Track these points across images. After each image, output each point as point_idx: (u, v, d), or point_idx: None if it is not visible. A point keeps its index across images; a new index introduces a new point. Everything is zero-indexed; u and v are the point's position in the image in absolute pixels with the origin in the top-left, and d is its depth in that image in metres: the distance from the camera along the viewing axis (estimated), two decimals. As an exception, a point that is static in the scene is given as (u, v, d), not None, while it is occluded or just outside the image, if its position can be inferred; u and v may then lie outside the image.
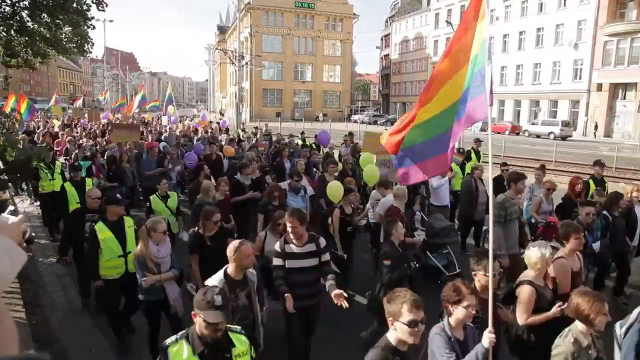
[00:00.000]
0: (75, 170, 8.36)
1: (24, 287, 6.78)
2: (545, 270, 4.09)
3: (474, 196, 8.62)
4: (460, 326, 3.17)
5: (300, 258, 4.50)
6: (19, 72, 39.50)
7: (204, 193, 6.88)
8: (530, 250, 4.08)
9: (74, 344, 5.47)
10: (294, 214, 4.55)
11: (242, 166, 8.61)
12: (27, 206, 11.30)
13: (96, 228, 5.18)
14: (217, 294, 2.77)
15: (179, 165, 10.77)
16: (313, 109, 64.90)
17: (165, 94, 25.26)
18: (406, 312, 2.69)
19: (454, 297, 3.12)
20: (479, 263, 3.84)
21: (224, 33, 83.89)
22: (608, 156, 20.52)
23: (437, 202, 9.03)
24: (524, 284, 4.00)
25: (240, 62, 40.85)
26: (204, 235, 5.05)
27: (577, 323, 3.24)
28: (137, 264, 4.70)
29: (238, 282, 3.84)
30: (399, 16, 71.78)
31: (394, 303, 2.76)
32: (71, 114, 33.15)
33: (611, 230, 6.65)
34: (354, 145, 13.18)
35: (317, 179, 9.11)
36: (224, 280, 3.72)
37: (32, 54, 15.04)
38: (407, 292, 2.81)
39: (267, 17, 63.17)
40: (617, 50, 37.69)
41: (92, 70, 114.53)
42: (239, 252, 3.78)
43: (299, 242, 4.53)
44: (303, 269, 4.49)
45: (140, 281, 4.68)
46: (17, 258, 1.61)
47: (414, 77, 67.60)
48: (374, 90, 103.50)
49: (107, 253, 5.16)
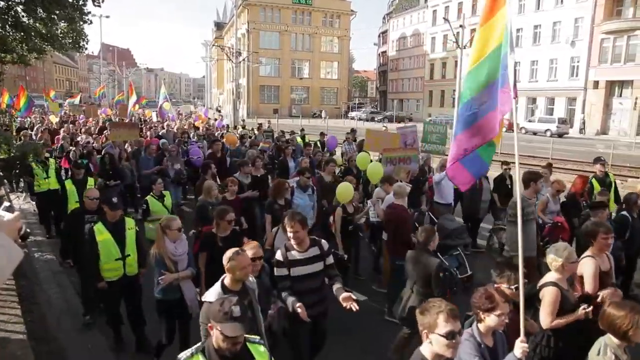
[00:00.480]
0: (78, 168, 8.22)
1: (20, 284, 6.75)
2: (570, 272, 3.95)
3: (477, 193, 8.45)
4: (490, 333, 3.06)
5: (304, 264, 4.29)
6: (15, 68, 39.30)
7: (206, 193, 6.69)
8: (551, 251, 3.96)
9: (71, 341, 5.45)
10: (294, 217, 4.31)
11: (241, 164, 8.42)
12: (22, 203, 11.25)
13: (94, 229, 5.05)
14: (235, 304, 2.59)
15: (178, 163, 10.47)
16: (310, 105, 64.85)
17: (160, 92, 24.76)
18: (442, 322, 2.54)
19: (487, 305, 2.97)
20: (502, 275, 3.61)
21: (221, 29, 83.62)
22: (604, 153, 20.59)
23: (441, 199, 8.63)
24: (549, 285, 3.83)
25: (238, 58, 40.78)
26: (217, 235, 4.90)
27: (611, 337, 3.07)
28: (154, 262, 4.60)
29: (237, 292, 3.56)
30: (396, 13, 71.67)
31: (429, 314, 2.61)
32: (68, 110, 32.86)
33: (631, 231, 6.42)
34: (360, 142, 12.91)
35: (315, 178, 8.90)
36: (221, 292, 3.51)
37: (27, 50, 14.91)
38: (442, 302, 2.67)
39: (264, 13, 63.02)
40: (614, 47, 37.78)
41: (89, 66, 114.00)
42: (233, 262, 3.55)
43: (300, 248, 4.31)
44: (309, 275, 4.29)
45: (158, 279, 4.55)
46: (14, 254, 1.60)
47: (411, 74, 67.55)
48: (371, 87, 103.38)
49: (105, 256, 5.02)
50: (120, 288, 5.16)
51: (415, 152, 9.58)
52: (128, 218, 5.41)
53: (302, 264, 4.28)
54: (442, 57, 59.38)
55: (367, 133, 10.85)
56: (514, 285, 3.46)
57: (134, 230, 5.27)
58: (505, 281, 3.56)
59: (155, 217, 6.80)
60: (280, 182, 6.97)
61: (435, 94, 61.67)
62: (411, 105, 66.92)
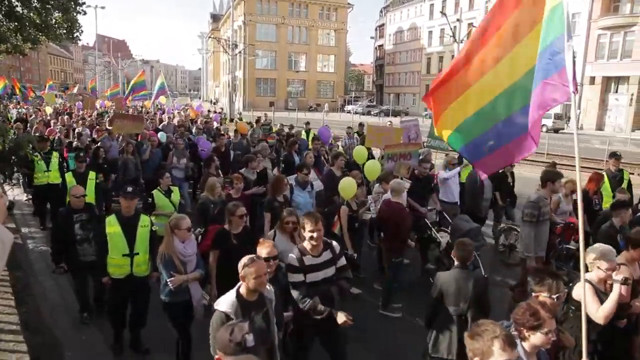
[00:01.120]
0: (80, 162, 8.01)
1: (15, 275, 6.72)
2: (609, 274, 3.75)
3: (479, 191, 8.25)
4: (536, 352, 2.77)
5: (319, 269, 4.02)
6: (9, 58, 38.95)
7: (208, 190, 6.39)
8: (590, 250, 3.81)
9: (66, 331, 5.45)
10: (312, 217, 4.02)
11: (248, 160, 8.14)
12: (17, 194, 11.18)
13: (106, 220, 4.91)
14: (248, 332, 2.30)
15: (184, 157, 10.04)
16: (307, 98, 64.66)
17: (157, 82, 23.94)
18: (498, 350, 2.26)
19: (532, 322, 2.67)
20: (541, 284, 3.28)
21: (218, 21, 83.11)
22: (600, 149, 20.69)
23: (446, 197, 8.32)
24: (580, 283, 3.53)
25: (234, 50, 40.59)
26: (230, 232, 4.75)
27: None
28: (163, 263, 4.39)
29: (252, 303, 3.31)
30: (393, 6, 71.44)
31: (481, 339, 2.32)
32: (66, 101, 32.35)
33: None
34: (363, 137, 12.72)
35: (325, 173, 8.59)
36: (235, 302, 3.24)
37: (21, 40, 14.80)
38: (497, 326, 2.38)
39: (261, 5, 62.64)
40: (611, 43, 37.80)
41: (84, 57, 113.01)
42: (248, 269, 3.24)
43: (315, 252, 4.03)
44: (323, 281, 4.03)
45: (167, 281, 4.35)
46: (6, 238, 1.59)
47: (408, 67, 67.46)
48: (367, 81, 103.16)
49: (112, 249, 4.84)
50: (127, 289, 4.94)
51: (417, 148, 9.37)
52: (144, 215, 5.16)
53: (317, 269, 4.02)
54: (439, 52, 59.31)
55: (369, 129, 10.60)
56: (555, 295, 3.21)
57: (147, 228, 5.02)
58: (546, 290, 3.24)
59: (160, 212, 6.67)
60: (279, 178, 6.70)
61: (432, 89, 61.61)
62: (408, 99, 66.88)
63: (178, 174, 9.60)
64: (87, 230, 5.51)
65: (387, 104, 64.13)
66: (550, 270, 3.28)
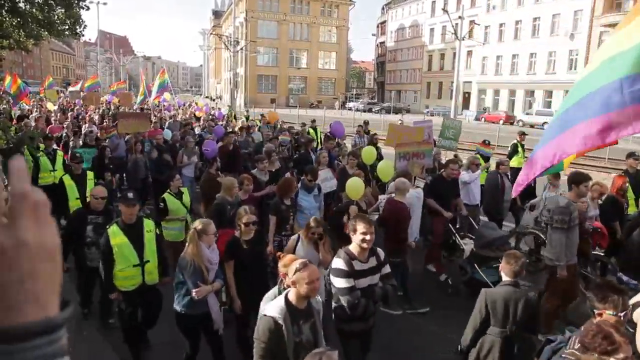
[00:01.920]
0: (76, 162, 7.36)
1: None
2: None
3: (500, 193, 8.05)
4: None
5: (366, 275, 3.89)
6: (11, 54, 38.94)
7: (226, 191, 6.05)
8: None
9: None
10: (365, 219, 3.91)
11: (258, 160, 7.92)
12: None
13: (109, 232, 4.50)
14: None
15: (194, 156, 9.81)
16: (308, 95, 64.64)
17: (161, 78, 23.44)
18: None
19: (605, 347, 2.38)
20: (605, 300, 2.94)
21: (219, 18, 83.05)
22: (617, 148, 20.55)
23: (467, 200, 8.07)
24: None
25: (235, 47, 40.52)
26: (240, 238, 4.54)
27: None
28: (191, 271, 4.08)
29: (301, 311, 3.16)
30: (395, 3, 71.25)
31: None
32: (69, 98, 32.14)
33: None
34: (372, 136, 12.58)
35: (338, 171, 8.41)
36: (284, 308, 3.09)
37: (24, 36, 14.84)
38: None
39: (262, 2, 62.55)
40: (613, 41, 37.71)
41: (86, 53, 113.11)
42: (300, 274, 3.06)
43: (362, 257, 3.90)
44: (369, 287, 3.91)
45: (193, 291, 4.04)
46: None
47: (409, 65, 67.34)
48: (369, 78, 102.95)
49: (121, 262, 4.47)
50: (138, 300, 4.64)
51: (429, 147, 9.25)
52: (147, 220, 4.86)
53: (364, 275, 3.89)
54: (440, 49, 59.19)
55: (390, 128, 10.14)
56: (622, 313, 2.91)
57: (153, 233, 4.73)
58: (612, 307, 2.91)
59: (174, 217, 6.42)
60: (288, 181, 6.45)
61: (433, 86, 61.60)
62: (409, 96, 66.80)
63: (188, 172, 9.47)
64: (99, 234, 5.16)
65: (388, 101, 64.11)
66: (611, 284, 2.95)
